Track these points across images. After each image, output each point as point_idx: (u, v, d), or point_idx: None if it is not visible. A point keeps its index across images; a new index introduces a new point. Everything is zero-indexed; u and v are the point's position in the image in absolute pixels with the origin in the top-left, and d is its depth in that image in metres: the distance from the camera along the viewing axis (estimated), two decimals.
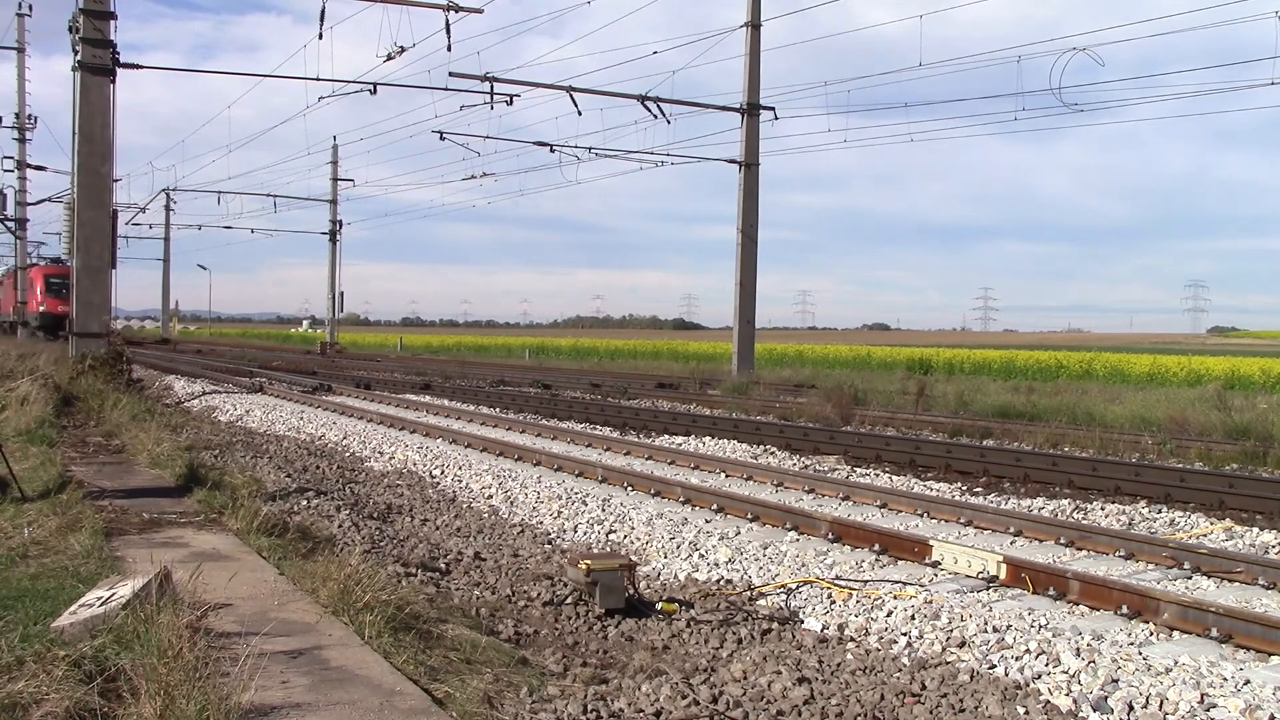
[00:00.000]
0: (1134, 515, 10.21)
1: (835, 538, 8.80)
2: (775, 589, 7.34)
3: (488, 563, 8.02)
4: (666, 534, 9.11)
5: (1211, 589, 7.42)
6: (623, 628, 6.39)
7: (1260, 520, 10.05)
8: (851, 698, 5.11)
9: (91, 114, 20.63)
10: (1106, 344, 77.36)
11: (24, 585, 5.73)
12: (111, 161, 21.19)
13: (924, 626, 6.37)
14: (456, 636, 5.45)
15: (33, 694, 3.87)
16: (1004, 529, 9.21)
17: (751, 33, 29.00)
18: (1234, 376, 31.67)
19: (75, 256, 21.43)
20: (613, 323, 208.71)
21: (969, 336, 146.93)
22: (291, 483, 11.25)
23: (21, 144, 45.54)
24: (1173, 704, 5.14)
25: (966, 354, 43.74)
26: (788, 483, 11.62)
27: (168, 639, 4.20)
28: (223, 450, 13.76)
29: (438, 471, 12.81)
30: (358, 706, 4.10)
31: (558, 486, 11.42)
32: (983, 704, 5.06)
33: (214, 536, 7.32)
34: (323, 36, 23.00)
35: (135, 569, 5.86)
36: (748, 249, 30.47)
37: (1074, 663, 5.65)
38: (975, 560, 7.64)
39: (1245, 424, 16.52)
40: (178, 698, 3.78)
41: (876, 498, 10.55)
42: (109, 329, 21.89)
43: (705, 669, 5.52)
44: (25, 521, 7.33)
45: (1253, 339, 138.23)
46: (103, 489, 9.01)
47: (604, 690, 4.96)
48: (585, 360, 55.22)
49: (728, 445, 15.27)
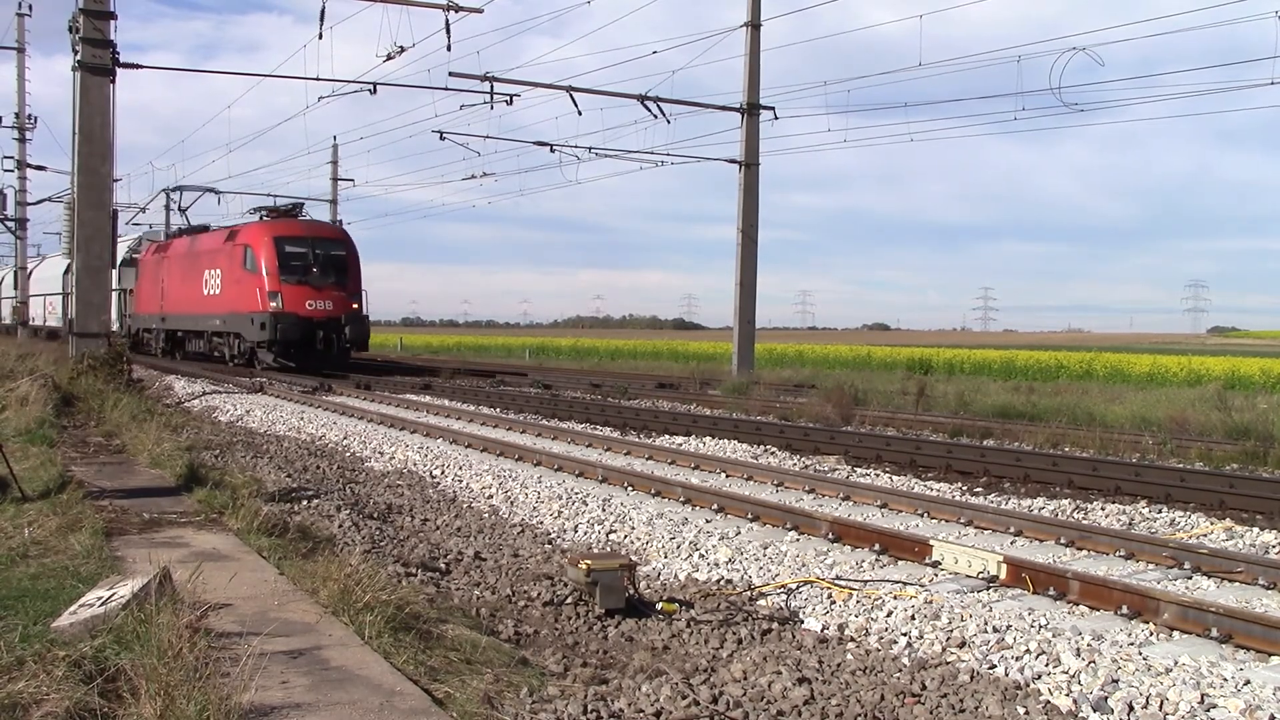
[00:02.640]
0: (1134, 515, 10.21)
1: (835, 538, 8.79)
2: (775, 589, 7.33)
3: (488, 563, 8.02)
4: (667, 534, 9.10)
5: (1212, 589, 7.42)
6: (623, 628, 6.39)
7: (1260, 520, 10.05)
8: (851, 698, 5.11)
9: (91, 114, 20.63)
10: (1106, 344, 77.36)
11: (24, 585, 5.73)
12: (111, 161, 21.19)
13: (924, 626, 6.37)
14: (457, 636, 5.45)
15: (33, 694, 3.87)
16: (1004, 529, 9.20)
17: (751, 32, 29.00)
18: (1234, 376, 31.67)
19: (75, 256, 21.42)
20: (613, 323, 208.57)
21: (969, 336, 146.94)
22: (292, 483, 11.25)
23: (21, 144, 45.52)
24: (1173, 704, 5.14)
25: (966, 354, 43.75)
26: (788, 483, 11.62)
27: (168, 639, 4.20)
28: (223, 450, 13.76)
29: (438, 471, 12.81)
30: (358, 706, 4.10)
31: (558, 486, 11.42)
32: (983, 704, 5.06)
33: (214, 536, 7.32)
34: (323, 36, 23.00)
35: (135, 569, 5.86)
36: (748, 249, 30.47)
37: (1074, 663, 5.65)
38: (975, 560, 7.64)
39: (1245, 424, 16.52)
40: (178, 698, 3.78)
41: (877, 498, 10.55)
42: (109, 329, 21.88)
43: (705, 669, 5.51)
44: (25, 521, 7.33)
45: (1253, 339, 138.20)
46: (103, 489, 9.00)
47: (604, 690, 4.95)
48: (585, 360, 55.21)
49: (728, 445, 15.26)
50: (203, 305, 34.05)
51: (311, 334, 29.90)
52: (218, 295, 32.82)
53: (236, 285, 31.57)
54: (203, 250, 34.80)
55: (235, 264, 31.67)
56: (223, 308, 32.47)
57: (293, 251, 30.63)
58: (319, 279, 30.52)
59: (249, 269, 30.82)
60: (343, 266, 31.24)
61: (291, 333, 29.52)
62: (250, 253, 30.99)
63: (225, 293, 32.33)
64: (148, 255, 41.61)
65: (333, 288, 30.66)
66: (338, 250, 31.55)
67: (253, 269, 30.66)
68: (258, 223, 32.91)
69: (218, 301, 32.87)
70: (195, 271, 34.88)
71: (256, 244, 30.95)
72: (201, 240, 36.01)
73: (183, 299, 35.99)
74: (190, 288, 35.20)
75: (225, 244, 32.70)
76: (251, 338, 30.72)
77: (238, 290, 31.42)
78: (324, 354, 30.30)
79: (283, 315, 29.62)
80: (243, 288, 31.10)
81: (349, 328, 30.24)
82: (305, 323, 29.84)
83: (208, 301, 33.67)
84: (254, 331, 30.29)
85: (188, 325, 36.18)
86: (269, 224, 32.16)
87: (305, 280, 30.31)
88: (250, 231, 31.97)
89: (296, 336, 29.64)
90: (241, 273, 31.19)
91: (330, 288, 30.60)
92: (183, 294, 35.96)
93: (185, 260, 36.22)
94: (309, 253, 30.77)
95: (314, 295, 30.34)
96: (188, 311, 35.69)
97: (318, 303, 30.30)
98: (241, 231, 32.47)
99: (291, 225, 32.23)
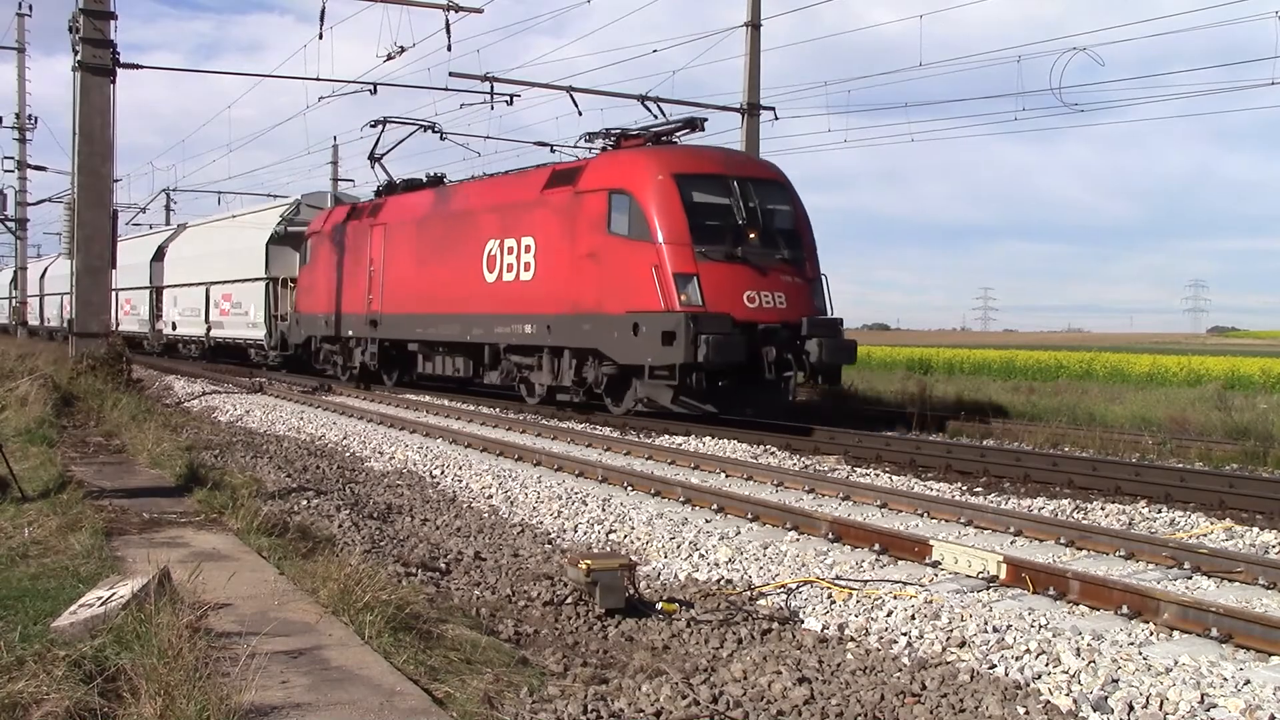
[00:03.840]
0: (1134, 515, 10.21)
1: (835, 537, 8.80)
2: (775, 589, 7.33)
3: (488, 562, 8.02)
4: (667, 534, 9.10)
5: (1212, 589, 7.42)
6: (623, 628, 6.39)
7: (1260, 520, 10.05)
8: (851, 697, 5.11)
9: (91, 114, 20.63)
10: (1106, 344, 77.34)
11: (24, 585, 5.73)
12: (112, 161, 21.19)
13: (924, 626, 6.37)
14: (457, 636, 5.45)
15: (33, 694, 3.87)
16: (1004, 529, 9.20)
17: (751, 32, 29.01)
18: (1234, 376, 31.67)
19: (75, 256, 21.43)
20: None
21: (969, 336, 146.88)
22: (291, 482, 11.25)
23: (21, 144, 45.48)
24: (1173, 704, 5.14)
25: (966, 354, 43.73)
26: (788, 482, 11.62)
27: (168, 639, 4.20)
28: (223, 450, 13.76)
29: (438, 471, 12.81)
30: (358, 706, 4.10)
31: (558, 486, 11.42)
32: (983, 704, 5.06)
33: (214, 536, 7.32)
34: (323, 36, 22.98)
35: (135, 569, 5.86)
36: None
37: (1074, 662, 5.65)
38: (975, 560, 7.64)
39: (1245, 424, 16.52)
40: (178, 698, 3.78)
41: (876, 497, 10.55)
42: (109, 329, 21.89)
43: (705, 669, 5.51)
44: (25, 521, 7.33)
45: (1253, 339, 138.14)
46: (103, 489, 9.01)
47: (604, 690, 4.96)
48: None
49: (728, 445, 15.26)
50: (479, 299, 20.53)
51: (756, 353, 16.04)
52: (526, 282, 19.21)
53: (585, 264, 17.62)
54: (479, 208, 21.17)
55: (581, 226, 17.73)
56: (541, 303, 18.74)
57: (709, 203, 16.76)
58: (760, 253, 16.67)
59: (620, 232, 17.00)
60: (792, 230, 17.53)
61: (727, 350, 15.52)
62: (624, 205, 16.91)
63: (548, 277, 18.58)
64: (329, 225, 27.15)
65: (784, 268, 16.86)
66: (780, 202, 17.67)
67: (632, 232, 16.77)
68: (633, 151, 18.21)
69: (523, 292, 19.30)
70: (458, 243, 21.45)
71: (640, 188, 16.78)
72: (471, 192, 22.17)
73: (425, 289, 22.50)
74: (443, 270, 21.82)
75: (549, 193, 18.82)
76: (630, 357, 16.59)
77: (587, 273, 17.57)
78: (771, 388, 16.56)
79: (706, 318, 15.77)
80: (605, 268, 17.23)
81: (817, 342, 16.43)
82: (745, 333, 15.96)
83: (494, 293, 20.13)
84: (639, 346, 16.26)
85: (437, 332, 22.17)
86: (657, 152, 17.67)
87: (738, 255, 16.47)
88: (618, 166, 17.74)
89: (735, 358, 15.69)
90: (599, 240, 17.35)
91: (781, 268, 16.80)
92: (424, 281, 22.55)
93: (432, 226, 22.57)
94: (736, 205, 16.84)
95: (756, 282, 16.46)
96: (436, 310, 22.01)
97: (763, 297, 16.43)
98: (594, 168, 18.22)
99: (699, 155, 17.79)
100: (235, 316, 32.63)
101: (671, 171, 16.88)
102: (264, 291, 30.30)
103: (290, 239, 30.38)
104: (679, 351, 15.58)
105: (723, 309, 16.02)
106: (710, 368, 15.69)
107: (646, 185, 16.84)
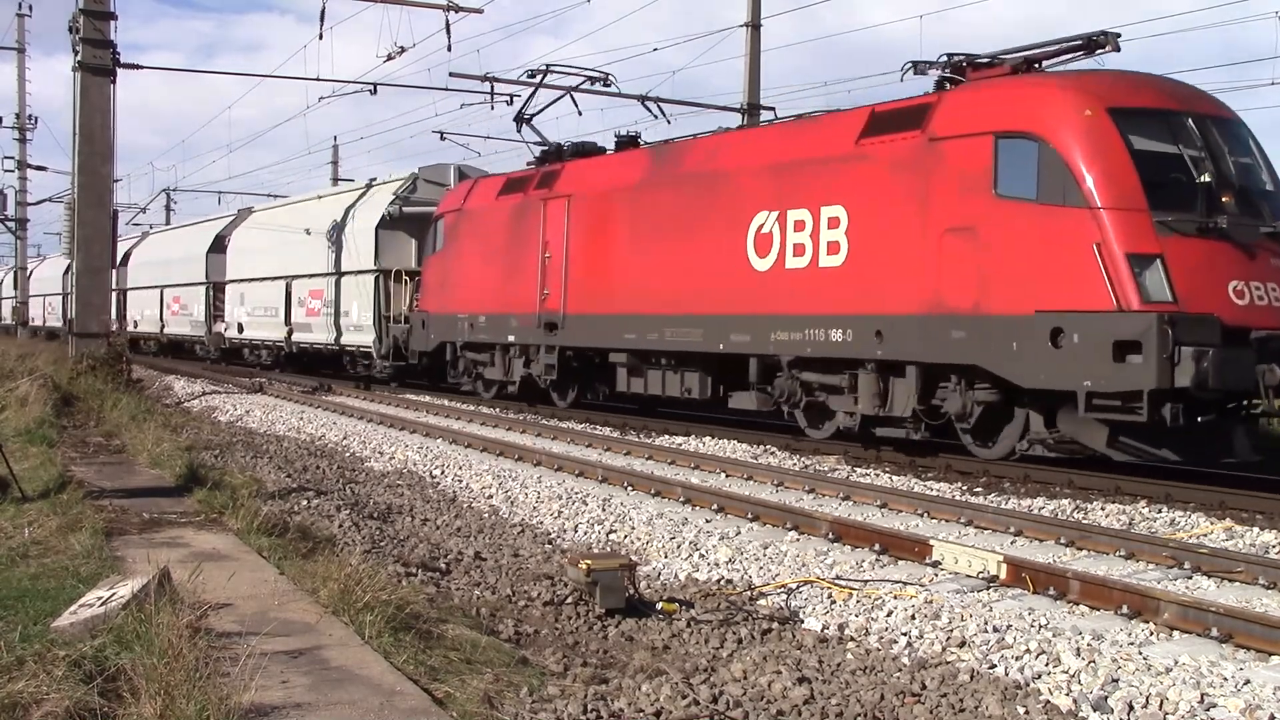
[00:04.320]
0: (1134, 515, 10.21)
1: (835, 537, 8.80)
2: (775, 589, 7.34)
3: (488, 562, 8.02)
4: (667, 534, 9.11)
5: (1212, 589, 7.42)
6: (623, 627, 6.39)
7: (1260, 520, 10.04)
8: (851, 697, 5.11)
9: (91, 114, 20.64)
10: None
11: (24, 585, 5.74)
12: (112, 162, 21.21)
13: (924, 626, 6.37)
14: (457, 636, 5.45)
15: (33, 694, 3.87)
16: (1004, 529, 9.20)
17: (751, 32, 29.02)
18: None
19: (75, 256, 21.45)
20: None
21: None
22: (292, 482, 11.25)
23: (22, 144, 45.54)
24: (1173, 704, 5.14)
25: None
26: (788, 482, 11.62)
27: (168, 639, 4.20)
28: (223, 450, 13.76)
29: (438, 471, 12.82)
30: (358, 706, 4.10)
31: (558, 486, 11.43)
32: (983, 704, 5.06)
33: (214, 536, 7.33)
34: (323, 36, 23.03)
35: (135, 569, 5.87)
36: None
37: (1074, 662, 5.65)
38: (975, 560, 7.64)
39: None
40: (178, 698, 3.78)
41: (877, 497, 10.55)
42: (109, 329, 21.90)
43: (705, 669, 5.51)
44: (25, 521, 7.34)
45: None
46: (103, 489, 9.01)
47: (604, 690, 4.96)
48: None
49: (728, 445, 15.26)
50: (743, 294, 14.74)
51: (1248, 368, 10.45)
52: (831, 270, 13.52)
53: (950, 243, 11.96)
54: (738, 170, 15.13)
55: (941, 187, 12.12)
56: (861, 299, 13.10)
57: (1161, 152, 11.27)
58: (1243, 224, 10.99)
59: (1019, 195, 11.38)
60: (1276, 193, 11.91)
61: (1232, 371, 10.26)
62: (1029, 154, 11.38)
63: (875, 261, 12.95)
64: (473, 202, 21.44)
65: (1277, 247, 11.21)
66: (1250, 153, 12.00)
67: (1043, 194, 11.18)
68: (1036, 77, 12.40)
69: (825, 284, 13.61)
70: (703, 219, 15.49)
71: (1057, 128, 11.24)
72: (722, 149, 15.95)
73: (641, 281, 16.62)
74: (674, 255, 15.95)
75: (870, 144, 13.14)
76: (1044, 379, 11.18)
77: (955, 256, 11.92)
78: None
79: (1187, 321, 10.32)
80: (990, 248, 11.57)
81: None
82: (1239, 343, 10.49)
83: (770, 285, 14.40)
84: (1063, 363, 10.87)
85: (661, 339, 16.17)
86: (1079, 79, 11.95)
87: (1215, 227, 10.79)
88: (1008, 100, 12.06)
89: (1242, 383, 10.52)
90: (980, 206, 11.68)
91: (1273, 247, 11.17)
92: (640, 270, 16.65)
93: (653, 196, 16.48)
94: (1199, 155, 11.22)
95: (1243, 268, 10.89)
96: (661, 309, 16.06)
97: (1255, 290, 10.85)
98: (957, 104, 12.51)
99: (1135, 84, 11.96)
100: (325, 317, 26.70)
101: (1106, 105, 11.29)
102: (373, 286, 24.50)
103: (404, 222, 24.54)
104: (1146, 372, 10.27)
105: (1205, 307, 10.54)
106: (1205, 396, 10.41)
107: (1068, 124, 11.24)
